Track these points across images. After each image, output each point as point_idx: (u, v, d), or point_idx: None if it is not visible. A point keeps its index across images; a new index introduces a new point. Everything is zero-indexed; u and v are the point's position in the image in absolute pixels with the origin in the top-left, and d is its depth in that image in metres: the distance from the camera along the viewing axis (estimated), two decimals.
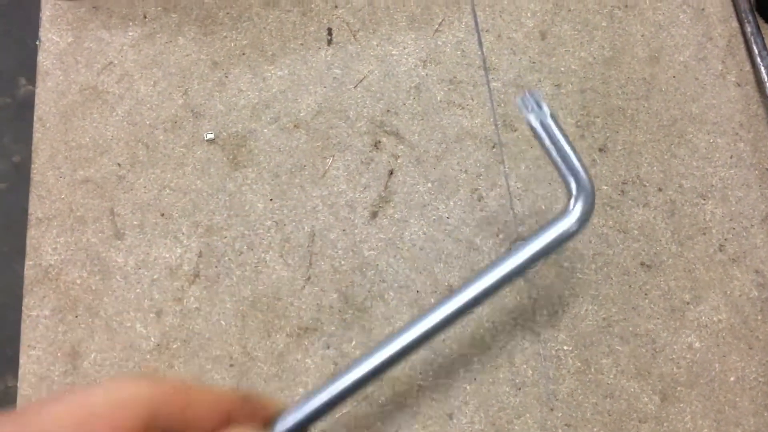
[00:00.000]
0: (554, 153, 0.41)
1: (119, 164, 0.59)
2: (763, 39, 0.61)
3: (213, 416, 0.29)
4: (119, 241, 0.57)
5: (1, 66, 0.64)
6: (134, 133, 0.60)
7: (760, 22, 0.63)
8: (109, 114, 0.61)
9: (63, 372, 0.54)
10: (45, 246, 0.57)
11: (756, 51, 0.61)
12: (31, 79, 0.63)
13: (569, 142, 0.41)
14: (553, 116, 0.42)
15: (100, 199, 0.58)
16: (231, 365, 0.54)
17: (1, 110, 0.62)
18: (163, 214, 0.58)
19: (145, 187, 0.59)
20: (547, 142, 0.41)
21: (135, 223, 0.58)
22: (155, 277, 0.56)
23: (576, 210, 0.40)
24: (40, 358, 0.54)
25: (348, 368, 0.36)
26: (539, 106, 0.42)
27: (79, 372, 0.54)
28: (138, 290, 0.56)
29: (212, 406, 0.29)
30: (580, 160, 0.41)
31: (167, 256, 0.57)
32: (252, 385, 0.53)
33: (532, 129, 0.42)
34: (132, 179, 0.59)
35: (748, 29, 0.62)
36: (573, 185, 0.41)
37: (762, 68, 0.60)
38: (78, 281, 0.56)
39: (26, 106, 0.62)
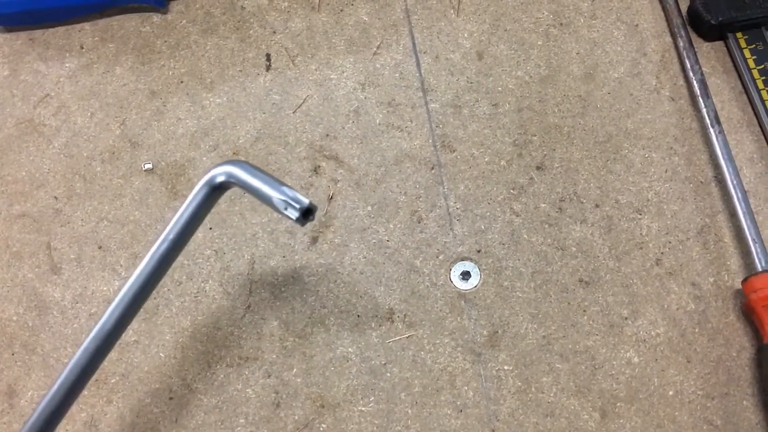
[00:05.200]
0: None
1: (56, 197, 0.59)
2: (695, 53, 0.62)
3: None
4: (56, 276, 0.56)
5: None
6: (71, 165, 0.60)
7: (693, 36, 0.64)
8: (46, 147, 0.61)
9: None
10: None
11: (688, 65, 0.62)
12: None
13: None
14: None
15: (36, 234, 0.58)
16: (170, 398, 0.53)
17: None
18: (100, 247, 0.57)
19: (82, 219, 0.58)
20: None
21: (72, 256, 0.57)
22: (93, 311, 0.55)
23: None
24: None
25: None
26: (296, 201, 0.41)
27: (15, 411, 0.53)
28: (75, 325, 0.55)
29: None
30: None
31: (105, 289, 0.56)
32: (192, 418, 0.52)
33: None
34: (69, 212, 0.58)
35: (681, 44, 0.63)
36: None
37: (694, 82, 0.61)
38: (14, 318, 0.56)
39: None
